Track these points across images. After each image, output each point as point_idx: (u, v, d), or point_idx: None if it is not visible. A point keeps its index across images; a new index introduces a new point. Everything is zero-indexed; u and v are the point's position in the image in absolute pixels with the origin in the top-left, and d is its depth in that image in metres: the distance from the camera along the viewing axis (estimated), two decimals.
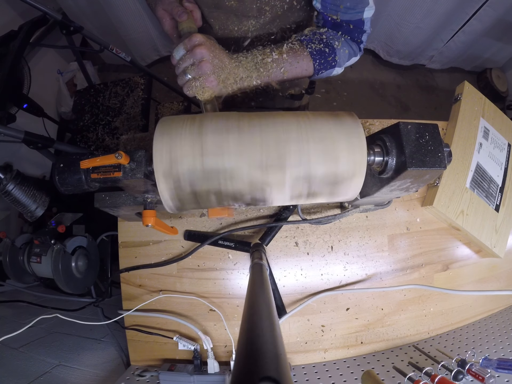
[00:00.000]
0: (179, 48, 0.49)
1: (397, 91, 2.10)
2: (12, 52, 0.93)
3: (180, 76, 0.49)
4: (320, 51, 0.58)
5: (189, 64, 0.48)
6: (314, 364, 0.64)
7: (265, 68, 0.54)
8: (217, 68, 0.49)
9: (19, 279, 0.89)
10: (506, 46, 1.89)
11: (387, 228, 0.67)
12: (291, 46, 0.57)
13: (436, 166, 0.37)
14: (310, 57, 0.58)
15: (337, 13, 0.58)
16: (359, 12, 0.57)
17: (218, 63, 0.49)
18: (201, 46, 0.47)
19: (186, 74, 0.48)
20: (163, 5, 0.56)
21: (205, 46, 0.47)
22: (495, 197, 0.71)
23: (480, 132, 0.72)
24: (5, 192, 0.57)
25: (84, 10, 1.56)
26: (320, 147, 0.38)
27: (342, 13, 0.58)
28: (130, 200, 0.47)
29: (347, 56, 0.62)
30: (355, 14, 0.57)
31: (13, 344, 0.68)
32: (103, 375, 0.63)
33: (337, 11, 0.57)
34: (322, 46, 0.58)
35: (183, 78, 0.49)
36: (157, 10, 0.57)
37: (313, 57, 0.58)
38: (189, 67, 0.48)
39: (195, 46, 0.48)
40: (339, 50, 0.60)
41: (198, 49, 0.47)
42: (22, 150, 1.38)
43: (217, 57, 0.49)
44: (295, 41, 0.58)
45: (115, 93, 1.35)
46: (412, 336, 0.68)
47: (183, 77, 0.49)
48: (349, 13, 0.57)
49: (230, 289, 0.64)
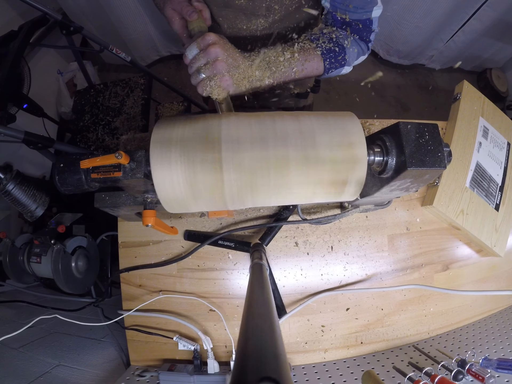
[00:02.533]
0: (192, 47, 0.49)
1: (397, 91, 2.10)
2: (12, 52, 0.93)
3: (194, 75, 0.49)
4: (330, 50, 0.58)
5: (203, 64, 0.48)
6: (314, 364, 0.64)
7: (278, 68, 0.54)
8: (231, 68, 0.49)
9: (19, 279, 0.89)
10: (506, 46, 1.89)
11: (387, 228, 0.67)
12: (302, 46, 0.56)
13: (436, 166, 0.37)
14: (321, 56, 0.58)
15: (345, 13, 0.58)
16: (368, 11, 0.57)
17: (232, 62, 0.49)
18: (215, 45, 0.47)
19: (200, 73, 0.48)
20: (172, 5, 0.55)
21: (219, 45, 0.47)
22: (495, 196, 0.71)
23: (479, 131, 0.72)
24: (5, 192, 0.57)
25: (84, 10, 1.56)
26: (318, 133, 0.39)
27: (351, 13, 0.58)
28: (130, 200, 0.47)
29: (356, 55, 0.62)
30: (364, 13, 0.58)
31: (13, 344, 0.68)
32: (103, 375, 0.63)
33: (346, 10, 0.57)
34: (332, 45, 0.58)
35: (197, 78, 0.48)
36: (166, 10, 0.56)
37: (324, 56, 0.58)
38: (203, 66, 0.48)
39: (209, 45, 0.47)
40: (348, 49, 0.60)
41: (212, 48, 0.47)
42: (22, 150, 1.38)
43: (231, 56, 0.49)
44: (305, 40, 0.58)
45: (115, 93, 1.35)
46: (412, 336, 0.68)
47: (196, 76, 0.48)
48: (358, 13, 0.57)
49: (230, 289, 0.64)
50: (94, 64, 1.90)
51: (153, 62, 1.97)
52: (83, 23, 1.28)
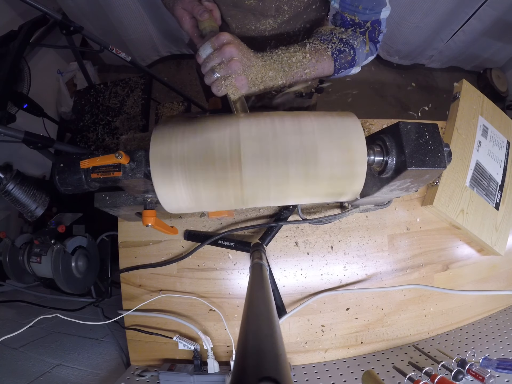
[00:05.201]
0: (206, 46, 0.48)
1: (397, 91, 2.10)
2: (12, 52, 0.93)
3: (208, 75, 0.48)
4: (341, 51, 0.58)
5: (217, 63, 0.47)
6: (314, 364, 0.64)
7: (291, 68, 0.54)
8: (246, 67, 0.48)
9: (19, 279, 0.89)
10: (506, 46, 1.89)
11: (387, 228, 0.67)
12: (313, 46, 0.56)
13: (436, 165, 0.37)
14: (332, 57, 0.58)
15: (354, 14, 0.58)
16: (377, 12, 0.58)
17: (247, 62, 0.48)
18: (230, 45, 0.47)
19: (214, 73, 0.48)
20: (182, 4, 0.55)
21: (234, 45, 0.47)
22: (495, 195, 0.71)
23: (479, 130, 0.72)
24: (5, 192, 0.57)
25: (84, 10, 1.56)
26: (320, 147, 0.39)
27: (360, 14, 0.58)
28: (130, 200, 0.47)
29: (365, 56, 0.62)
30: (373, 14, 0.58)
31: (13, 344, 0.68)
32: (103, 375, 0.63)
33: (355, 11, 0.58)
34: (342, 45, 0.58)
35: (211, 77, 0.48)
36: (176, 9, 0.56)
37: (334, 57, 0.58)
38: (217, 65, 0.47)
39: (223, 44, 0.47)
40: (358, 50, 0.60)
41: (227, 48, 0.46)
42: (22, 150, 1.38)
43: (245, 56, 0.49)
44: (316, 40, 0.58)
45: (115, 93, 1.35)
46: (412, 336, 0.68)
47: (211, 76, 0.48)
48: (367, 14, 0.58)
49: (230, 289, 0.64)
50: (94, 64, 1.90)
51: (153, 62, 1.97)
52: (83, 23, 1.28)
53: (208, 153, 0.38)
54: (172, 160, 0.38)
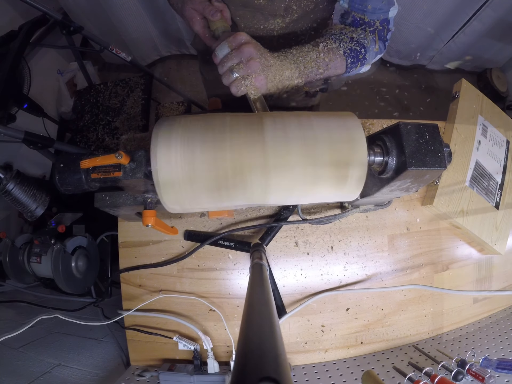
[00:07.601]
0: (223, 46, 0.48)
1: (397, 91, 2.10)
2: (12, 52, 0.94)
3: (226, 74, 0.48)
4: (352, 50, 0.59)
5: (236, 63, 0.47)
6: (314, 364, 0.64)
7: (306, 67, 0.54)
8: (265, 67, 0.48)
9: (19, 279, 0.89)
10: (506, 47, 1.89)
11: (387, 228, 0.67)
12: (326, 45, 0.57)
13: (436, 166, 0.37)
14: (343, 55, 0.58)
15: (363, 13, 0.59)
16: (385, 11, 0.58)
17: (265, 62, 0.49)
18: (248, 45, 0.47)
19: (233, 73, 0.47)
20: (192, 5, 0.55)
21: (252, 45, 0.47)
22: (495, 194, 0.71)
23: (478, 129, 0.72)
24: (5, 192, 0.57)
25: (85, 10, 1.56)
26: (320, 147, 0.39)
27: (369, 13, 0.58)
28: (130, 200, 0.47)
29: (375, 54, 0.63)
30: (381, 13, 0.58)
31: (13, 344, 0.68)
32: (103, 375, 0.63)
33: (365, 11, 0.58)
34: (353, 44, 0.59)
35: (230, 77, 0.48)
36: (186, 10, 0.56)
37: (346, 56, 0.58)
38: (236, 65, 0.47)
39: (242, 44, 0.47)
40: (368, 48, 0.60)
41: (246, 48, 0.46)
42: (22, 150, 1.38)
43: (264, 56, 0.49)
44: (328, 39, 0.58)
45: (115, 93, 1.35)
46: (412, 336, 0.67)
47: (229, 76, 0.48)
48: (376, 13, 0.58)
49: (230, 289, 0.64)
50: (94, 64, 1.90)
51: (153, 62, 1.97)
52: (83, 23, 1.28)
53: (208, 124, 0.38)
54: (173, 127, 0.38)
